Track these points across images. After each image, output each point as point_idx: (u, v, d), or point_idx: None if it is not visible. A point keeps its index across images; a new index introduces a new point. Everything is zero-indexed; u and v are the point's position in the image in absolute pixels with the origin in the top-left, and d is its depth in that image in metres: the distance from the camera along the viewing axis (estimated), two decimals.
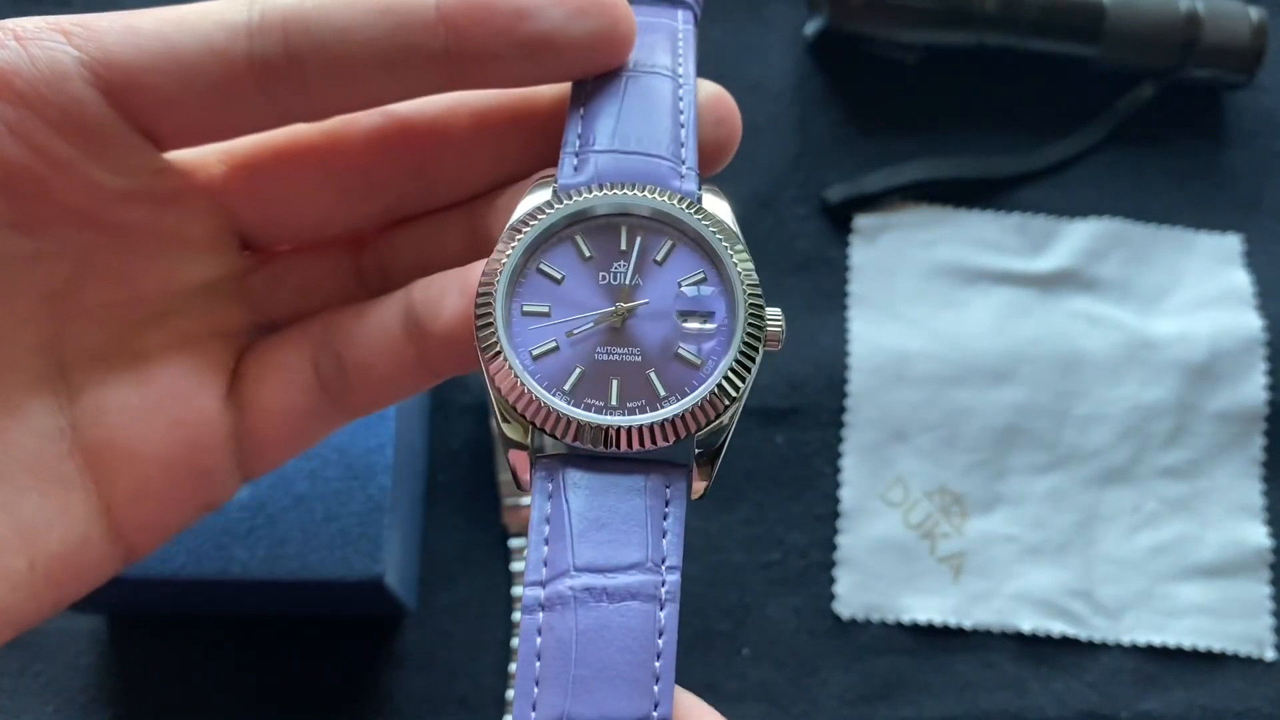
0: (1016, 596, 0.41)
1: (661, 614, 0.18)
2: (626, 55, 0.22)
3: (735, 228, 0.22)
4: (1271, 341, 0.43)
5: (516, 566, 0.40)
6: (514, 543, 0.40)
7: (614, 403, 0.20)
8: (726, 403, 0.20)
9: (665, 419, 0.19)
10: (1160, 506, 0.42)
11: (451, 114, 0.24)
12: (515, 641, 0.39)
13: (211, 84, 0.21)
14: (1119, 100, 0.47)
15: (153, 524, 0.23)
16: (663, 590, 0.18)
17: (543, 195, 0.21)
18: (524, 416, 0.19)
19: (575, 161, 0.21)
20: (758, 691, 0.38)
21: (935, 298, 0.44)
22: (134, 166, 0.22)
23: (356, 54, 0.21)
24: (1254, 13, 0.46)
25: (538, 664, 0.18)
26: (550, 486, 0.19)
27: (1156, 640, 0.40)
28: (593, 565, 0.18)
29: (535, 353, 0.20)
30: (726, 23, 0.47)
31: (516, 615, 0.39)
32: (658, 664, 0.18)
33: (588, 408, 0.19)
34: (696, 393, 0.20)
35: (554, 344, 0.20)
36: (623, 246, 0.21)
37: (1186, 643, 0.40)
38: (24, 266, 0.22)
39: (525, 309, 0.20)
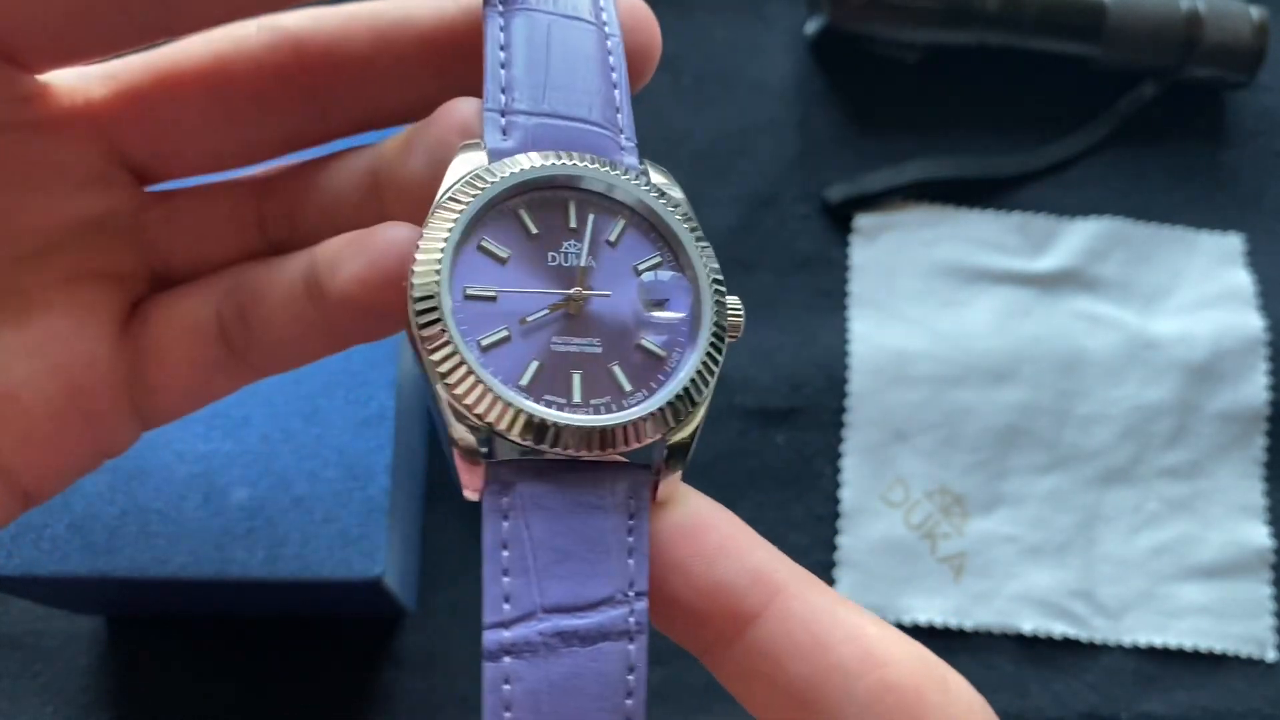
0: (1017, 597, 0.40)
1: (631, 648, 0.17)
2: None
3: (689, 208, 0.19)
4: (1273, 341, 0.43)
5: None
6: None
7: (577, 399, 0.17)
8: (697, 398, 0.18)
9: (636, 418, 0.17)
10: (1161, 507, 0.42)
11: (347, 31, 0.22)
12: None
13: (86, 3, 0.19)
14: (1120, 100, 0.47)
15: (45, 470, 0.22)
16: (632, 622, 0.17)
17: (475, 159, 0.18)
18: (479, 417, 0.17)
19: (502, 123, 0.19)
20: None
21: (936, 297, 0.44)
22: (3, 95, 0.20)
23: None
24: (1255, 12, 0.46)
25: (506, 715, 0.16)
26: (505, 503, 0.17)
27: (1157, 641, 0.40)
28: (561, 605, 0.17)
29: (484, 343, 0.17)
30: (727, 22, 0.47)
31: None
32: (629, 702, 0.17)
33: (548, 404, 0.17)
34: (666, 388, 0.18)
35: (505, 332, 0.17)
36: (572, 224, 0.18)
37: (1187, 643, 0.40)
38: None
39: (469, 292, 0.17)
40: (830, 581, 0.40)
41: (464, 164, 0.18)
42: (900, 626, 0.40)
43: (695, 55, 0.46)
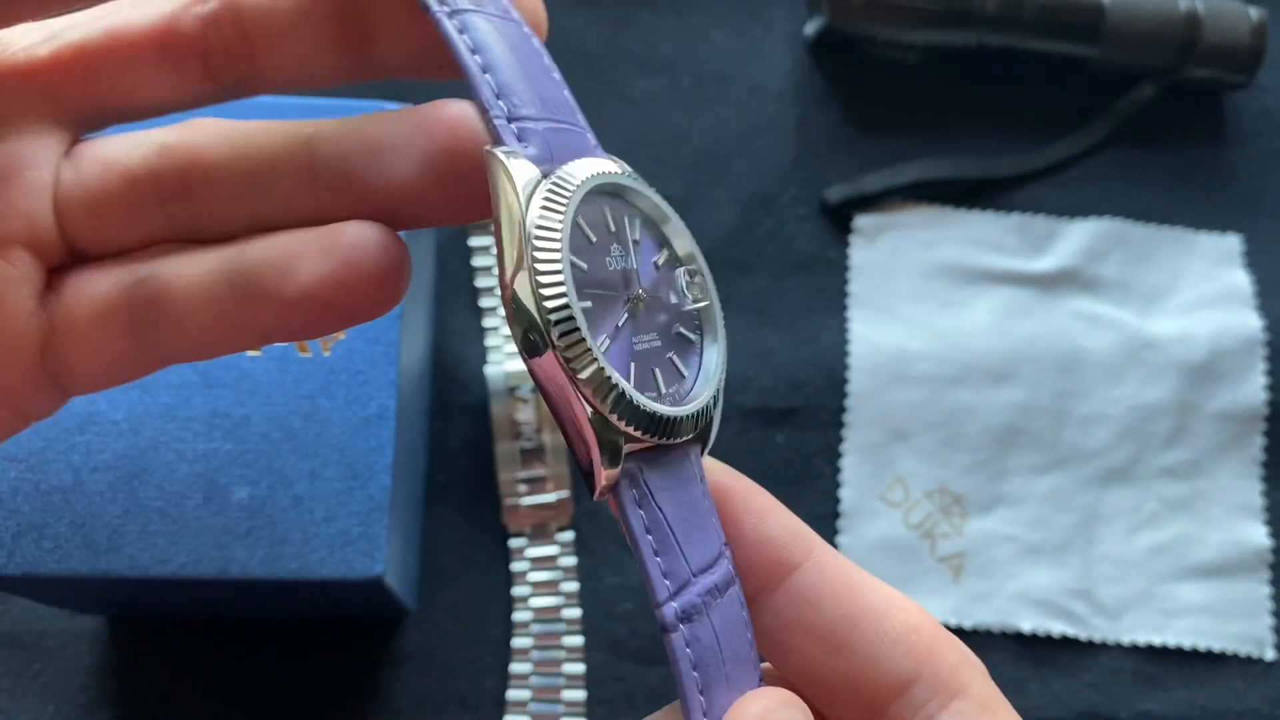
0: (1016, 596, 0.41)
1: (738, 590, 0.19)
2: None
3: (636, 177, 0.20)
4: (1271, 341, 0.44)
5: (516, 566, 0.40)
6: (514, 543, 0.40)
7: (664, 390, 0.19)
8: (724, 373, 0.20)
9: (708, 400, 0.19)
10: (1160, 506, 0.42)
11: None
12: (515, 641, 0.39)
13: None
14: (1119, 100, 0.47)
15: None
16: (733, 568, 0.19)
17: (527, 168, 0.18)
18: (619, 422, 0.18)
19: (514, 129, 0.19)
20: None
21: (935, 298, 0.44)
22: None
23: None
24: (1254, 13, 0.46)
25: (695, 674, 0.18)
26: (636, 494, 0.19)
27: (1156, 640, 0.40)
28: (700, 567, 0.19)
29: (602, 346, 0.18)
30: (726, 24, 0.47)
31: (516, 615, 0.39)
32: (749, 635, 0.19)
33: (651, 399, 0.18)
34: (714, 371, 0.20)
35: (607, 340, 0.18)
36: (611, 228, 0.19)
37: (1186, 643, 0.40)
38: None
39: (580, 304, 0.18)
40: None
41: (522, 172, 0.18)
42: None
43: (694, 57, 0.46)
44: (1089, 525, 0.42)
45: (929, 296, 0.44)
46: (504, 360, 0.41)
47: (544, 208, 0.18)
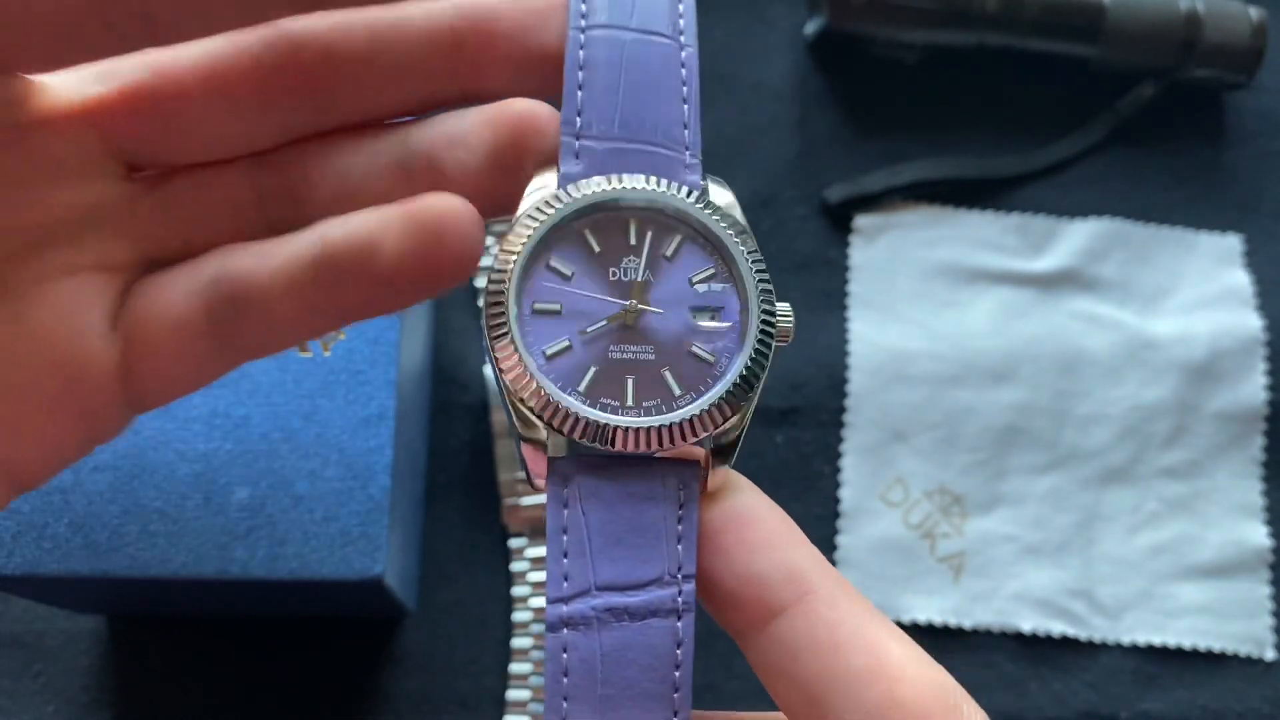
0: (1016, 596, 0.41)
1: (679, 625, 0.18)
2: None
3: (743, 219, 0.21)
4: (1271, 341, 0.44)
5: (516, 566, 0.40)
6: (514, 543, 0.40)
7: (629, 402, 0.19)
8: (742, 400, 0.20)
9: (682, 419, 0.19)
10: (1160, 506, 0.42)
11: (345, 33, 0.22)
12: (515, 641, 0.39)
13: (68, 17, 0.19)
14: (1119, 100, 0.47)
15: (38, 461, 0.23)
16: (679, 601, 0.18)
17: (547, 182, 0.20)
18: (540, 417, 0.19)
19: (576, 147, 0.21)
20: (758, 692, 0.38)
21: (935, 298, 0.44)
22: None
23: None
24: (1254, 13, 0.46)
25: (565, 680, 0.18)
26: (565, 494, 0.19)
27: (1156, 640, 0.40)
28: (613, 584, 0.18)
29: (549, 352, 0.19)
30: (727, 23, 0.47)
31: (516, 615, 0.39)
32: (677, 674, 0.18)
33: (603, 408, 0.19)
34: (713, 391, 0.20)
35: (567, 343, 0.20)
36: (632, 241, 0.20)
37: (1186, 643, 0.40)
38: None
39: (536, 307, 0.20)
40: None
41: (537, 186, 0.20)
42: (899, 626, 0.40)
43: None
44: (1089, 525, 0.42)
45: (929, 296, 0.44)
46: None
47: (524, 217, 0.20)
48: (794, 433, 0.42)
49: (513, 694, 0.38)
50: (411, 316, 0.36)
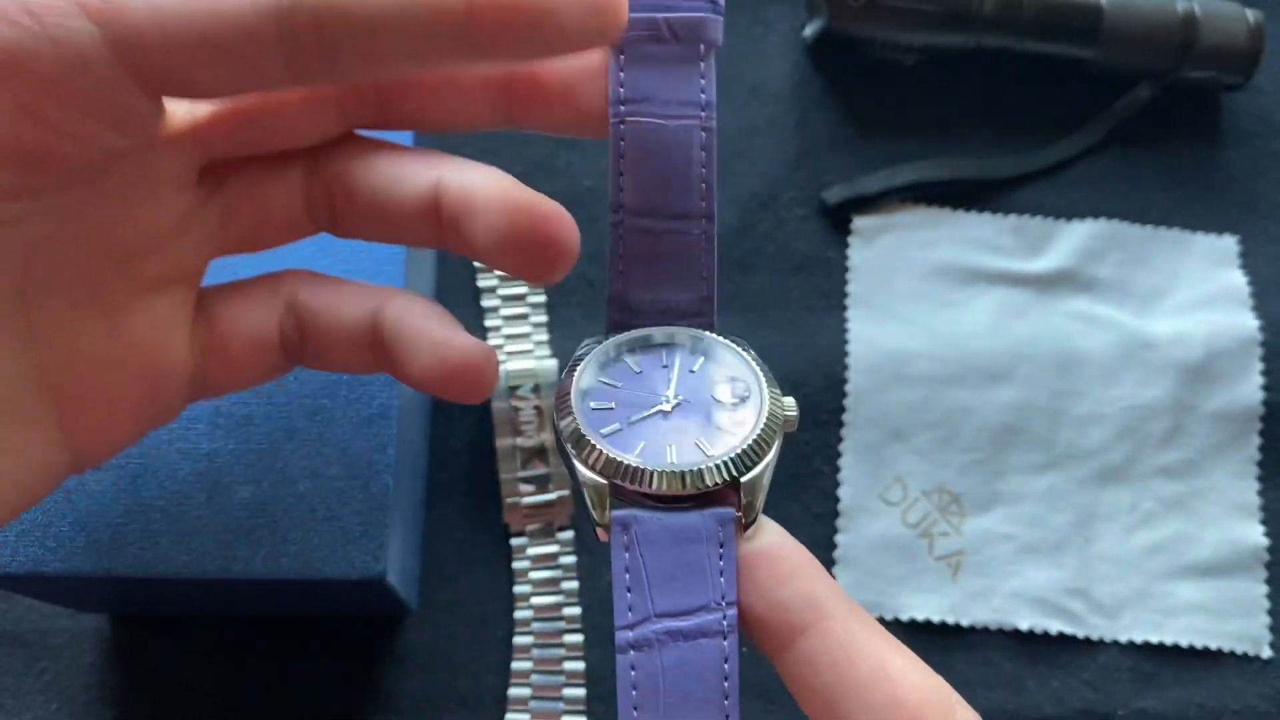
0: (1014, 595, 0.41)
1: (725, 643, 0.22)
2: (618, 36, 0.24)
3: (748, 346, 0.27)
4: (1267, 342, 0.44)
5: (518, 565, 0.40)
6: (515, 541, 0.40)
7: (674, 461, 0.24)
8: (756, 459, 0.24)
9: (702, 468, 0.23)
10: (1157, 506, 0.42)
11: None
12: (516, 639, 0.39)
13: (239, 63, 0.21)
14: (1116, 102, 0.47)
15: (104, 449, 0.25)
16: (724, 624, 0.22)
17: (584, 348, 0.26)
18: (602, 474, 0.23)
19: (620, 227, 0.26)
20: (756, 690, 0.38)
21: (933, 298, 0.44)
22: (140, 128, 0.22)
23: (386, 48, 0.21)
24: (1251, 14, 0.46)
25: (634, 693, 0.22)
26: (626, 540, 0.23)
27: (1153, 638, 0.41)
28: (669, 612, 0.22)
29: (604, 433, 0.24)
30: (726, 25, 0.47)
31: (518, 613, 0.39)
32: (726, 684, 0.22)
33: (645, 462, 0.24)
34: (740, 442, 0.24)
35: (618, 426, 0.25)
36: (664, 364, 0.26)
37: (1183, 641, 0.41)
38: (6, 229, 0.21)
39: (594, 407, 0.25)
40: None
41: (580, 351, 0.26)
42: (898, 624, 0.40)
43: None
44: (1086, 524, 0.42)
45: (927, 297, 0.44)
46: (505, 360, 0.42)
47: (573, 360, 0.25)
48: (793, 432, 0.42)
49: (514, 691, 0.38)
50: None
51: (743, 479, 0.23)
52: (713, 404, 0.25)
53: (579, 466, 0.23)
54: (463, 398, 0.25)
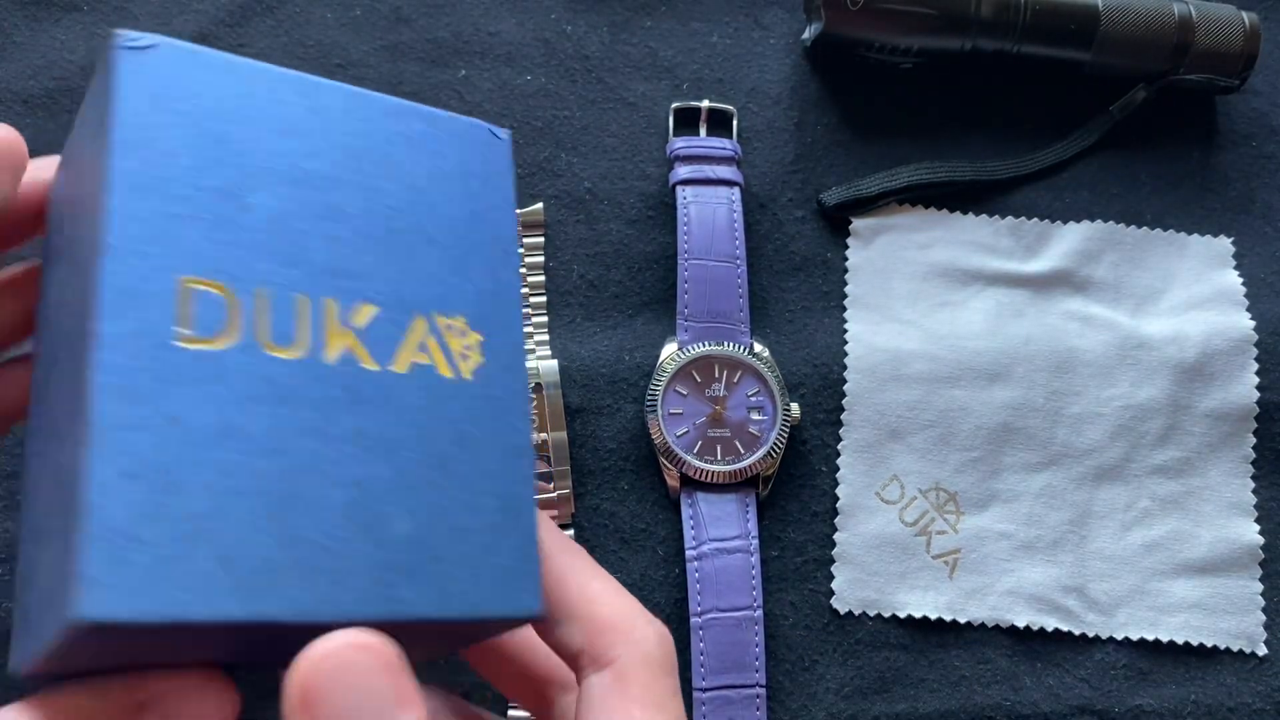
0: (1010, 593, 0.41)
1: (752, 559, 0.40)
2: None
3: (770, 356, 0.42)
4: (1261, 342, 0.44)
5: None
6: None
7: (719, 459, 0.40)
8: (775, 456, 0.40)
9: (746, 465, 0.40)
10: (1153, 504, 0.43)
11: None
12: None
13: None
14: (1112, 104, 0.47)
15: None
16: (750, 546, 0.40)
17: (672, 347, 0.42)
18: (675, 468, 0.40)
19: (686, 326, 0.42)
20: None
21: (931, 299, 0.45)
22: None
23: None
24: (1246, 17, 0.46)
25: (698, 586, 0.39)
26: (690, 499, 0.40)
27: (1149, 636, 0.41)
28: (716, 539, 0.40)
29: (678, 434, 0.40)
30: (725, 28, 0.48)
31: None
32: (752, 581, 0.39)
33: (707, 461, 0.40)
34: (760, 450, 0.40)
35: (687, 429, 0.41)
36: (716, 375, 0.41)
37: (1179, 638, 0.41)
38: None
39: (671, 411, 0.41)
40: (827, 577, 0.41)
41: (668, 350, 0.42)
42: (896, 621, 0.41)
43: (693, 61, 0.47)
44: (1082, 523, 0.42)
45: (924, 298, 0.45)
46: None
47: (662, 370, 0.41)
48: (792, 431, 0.43)
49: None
50: None
51: (763, 469, 0.41)
52: (745, 411, 0.41)
53: (662, 461, 0.41)
54: None
